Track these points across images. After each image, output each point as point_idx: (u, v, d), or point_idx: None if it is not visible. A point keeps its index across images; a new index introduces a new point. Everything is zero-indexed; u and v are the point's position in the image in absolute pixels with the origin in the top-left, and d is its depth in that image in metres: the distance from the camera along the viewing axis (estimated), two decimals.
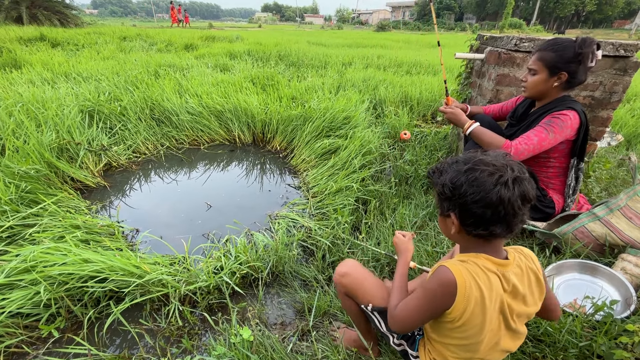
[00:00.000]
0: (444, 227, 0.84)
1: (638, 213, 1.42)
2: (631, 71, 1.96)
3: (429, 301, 0.78)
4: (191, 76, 4.46)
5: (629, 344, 0.99)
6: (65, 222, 1.69)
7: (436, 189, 0.80)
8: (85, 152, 2.58)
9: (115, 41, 9.07)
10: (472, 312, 0.72)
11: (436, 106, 4.13)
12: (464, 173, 0.72)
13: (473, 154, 0.75)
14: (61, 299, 1.29)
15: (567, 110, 1.40)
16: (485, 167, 0.70)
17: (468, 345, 0.78)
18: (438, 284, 0.75)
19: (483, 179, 0.69)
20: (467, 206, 0.72)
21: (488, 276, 0.75)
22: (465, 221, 0.74)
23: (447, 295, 0.74)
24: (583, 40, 1.33)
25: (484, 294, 0.72)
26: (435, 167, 0.81)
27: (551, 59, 1.37)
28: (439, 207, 0.81)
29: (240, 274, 1.48)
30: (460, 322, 0.74)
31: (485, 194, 0.69)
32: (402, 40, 13.55)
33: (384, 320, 0.99)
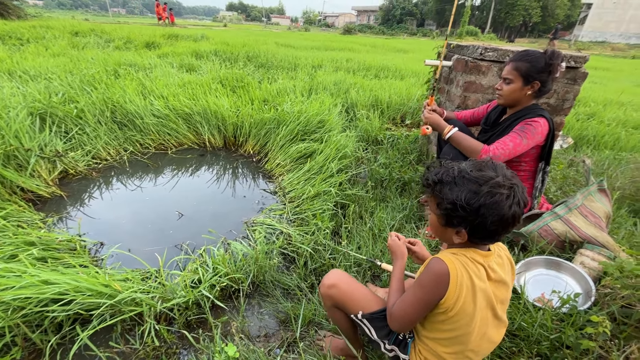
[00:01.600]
0: (441, 234, 0.87)
1: (592, 211, 1.56)
2: (580, 80, 2.15)
3: (425, 293, 0.82)
4: (155, 76, 4.23)
5: (594, 334, 1.07)
6: (17, 238, 1.52)
7: (439, 201, 0.81)
8: (36, 159, 2.35)
9: (65, 36, 8.38)
10: (464, 299, 0.77)
11: (405, 109, 4.27)
12: (484, 196, 0.74)
13: (486, 171, 0.77)
14: (17, 327, 1.15)
15: (538, 118, 1.50)
16: (502, 189, 0.74)
17: (459, 337, 0.82)
18: (432, 274, 0.80)
19: (502, 202, 0.73)
20: (482, 225, 0.75)
21: (476, 266, 0.81)
22: (476, 235, 0.79)
23: (441, 284, 0.78)
24: (552, 52, 1.44)
25: (474, 282, 0.77)
26: (435, 177, 0.82)
27: (526, 69, 1.47)
28: (442, 218, 0.82)
29: (220, 286, 1.42)
30: (453, 312, 0.79)
31: (503, 214, 0.74)
32: (368, 44, 13.86)
33: (374, 327, 1.00)
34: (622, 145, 3.39)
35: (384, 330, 0.99)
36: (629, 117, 4.19)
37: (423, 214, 2.09)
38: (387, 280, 1.51)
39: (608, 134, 3.54)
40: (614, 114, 4.23)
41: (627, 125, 3.94)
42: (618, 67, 12.20)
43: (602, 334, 1.05)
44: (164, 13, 19.68)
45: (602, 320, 1.03)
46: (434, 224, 0.87)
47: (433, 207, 0.85)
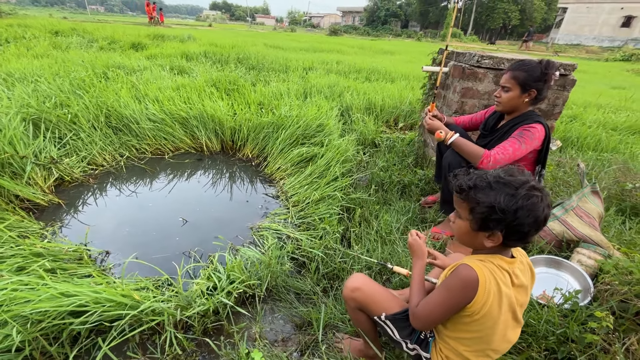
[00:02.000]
0: (469, 239, 0.90)
1: (586, 212, 1.66)
2: (569, 87, 2.27)
3: (452, 296, 0.85)
4: (146, 79, 4.16)
5: (597, 328, 1.16)
6: (24, 250, 1.49)
7: (472, 205, 0.84)
8: (32, 167, 2.29)
9: (46, 36, 8.10)
10: (490, 305, 0.81)
11: (398, 112, 4.36)
12: (521, 198, 0.78)
13: (518, 176, 0.82)
14: (35, 340, 1.14)
15: (535, 124, 1.59)
16: (537, 192, 0.79)
17: (483, 337, 0.87)
18: (461, 281, 0.83)
19: (538, 204, 0.78)
20: (519, 226, 0.80)
21: (503, 273, 0.85)
22: (510, 237, 0.83)
23: (469, 290, 0.82)
24: (547, 62, 1.53)
25: (501, 289, 0.82)
26: (469, 182, 0.85)
27: (523, 77, 1.56)
28: (473, 222, 0.85)
29: (236, 293, 1.43)
30: (479, 315, 0.83)
31: (538, 216, 0.79)
32: (356, 45, 13.99)
33: (396, 327, 1.04)
34: (603, 147, 3.57)
35: (406, 330, 1.03)
36: (608, 119, 4.42)
37: (425, 216, 2.16)
38: (398, 283, 1.56)
39: (590, 136, 3.72)
40: (594, 116, 4.45)
41: (606, 126, 4.15)
42: (593, 70, 12.77)
43: (605, 328, 1.13)
44: (154, 12, 19.52)
45: (605, 315, 1.11)
46: (463, 229, 0.89)
47: (464, 213, 0.88)
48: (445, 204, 1.97)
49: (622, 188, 2.27)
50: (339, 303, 1.49)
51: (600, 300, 1.32)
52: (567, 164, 2.92)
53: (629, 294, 1.26)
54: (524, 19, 38.00)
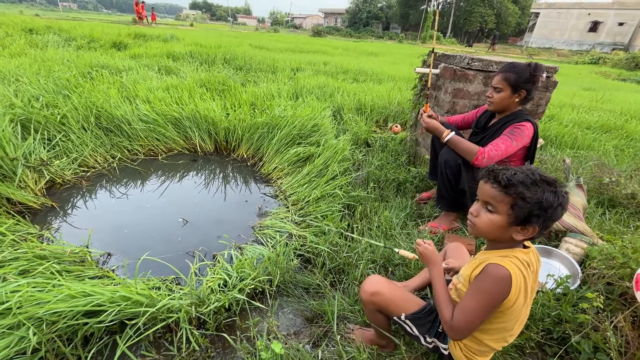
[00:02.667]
0: (500, 232, 0.91)
1: (572, 204, 1.79)
2: (552, 88, 2.42)
3: (490, 298, 0.87)
4: (134, 79, 4.08)
5: (587, 308, 1.26)
6: (28, 253, 1.46)
7: (516, 200, 0.86)
8: (23, 169, 2.22)
9: (20, 34, 7.76)
10: (519, 297, 0.87)
11: (387, 113, 4.46)
12: (561, 196, 0.85)
13: (548, 175, 0.87)
14: (51, 341, 1.13)
15: (525, 122, 1.70)
16: (564, 189, 0.87)
17: (507, 326, 0.94)
18: (496, 281, 0.86)
19: (566, 202, 0.86)
20: (552, 222, 0.87)
21: (524, 266, 0.90)
22: (542, 231, 0.90)
23: (505, 288, 0.86)
24: (535, 65, 1.64)
25: (527, 281, 0.88)
26: (515, 178, 0.86)
27: (514, 79, 1.66)
28: (512, 216, 0.87)
29: (248, 289, 1.46)
30: (510, 310, 0.89)
31: (564, 212, 0.87)
32: (340, 47, 14.12)
33: (416, 325, 1.08)
34: (579, 145, 3.80)
35: (425, 327, 1.08)
36: (582, 118, 4.69)
37: (422, 212, 2.25)
38: (402, 275, 1.63)
39: (567, 134, 3.95)
40: (570, 116, 4.71)
41: (581, 126, 4.41)
42: (565, 72, 13.43)
43: (594, 308, 1.24)
44: (144, 12, 19.10)
45: (595, 297, 1.22)
46: (496, 223, 0.90)
47: (503, 207, 0.88)
48: (441, 200, 2.06)
49: (600, 182, 2.44)
50: (347, 295, 1.55)
51: (589, 283, 1.44)
52: (548, 160, 3.10)
53: (614, 277, 1.38)
54: (499, 22, 39.50)
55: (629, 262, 1.37)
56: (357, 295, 1.54)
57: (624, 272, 1.36)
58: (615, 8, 30.32)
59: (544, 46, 34.18)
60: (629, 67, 16.27)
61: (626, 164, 3.07)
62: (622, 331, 1.22)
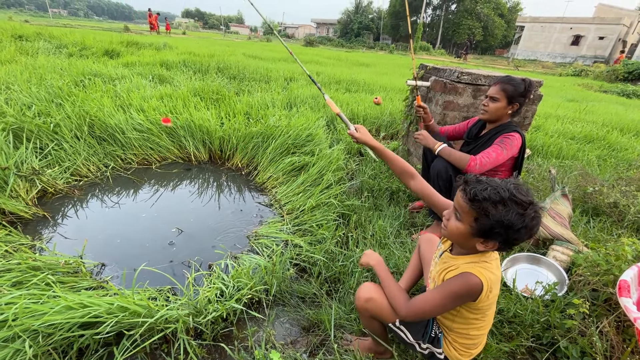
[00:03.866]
0: (463, 240, 0.96)
1: (558, 213, 1.86)
2: (537, 101, 2.53)
3: (454, 299, 0.97)
4: (127, 88, 4.08)
5: (574, 314, 1.31)
6: (21, 264, 1.45)
7: (480, 215, 0.88)
8: (14, 178, 2.20)
9: (9, 40, 7.67)
10: (493, 294, 0.96)
11: (379, 123, 4.55)
12: (529, 219, 0.85)
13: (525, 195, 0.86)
14: (46, 354, 1.12)
15: (514, 132, 1.78)
16: (540, 213, 0.88)
17: (487, 318, 1.03)
18: (467, 288, 0.94)
19: (538, 224, 0.87)
20: (516, 241, 0.88)
21: (495, 266, 0.97)
22: (504, 247, 0.92)
23: (473, 294, 0.94)
24: (530, 82, 1.74)
25: (498, 278, 0.96)
26: (482, 194, 0.87)
27: (511, 91, 1.75)
28: (474, 229, 0.90)
29: (245, 299, 1.47)
30: (487, 306, 0.99)
31: (532, 233, 0.88)
32: (333, 57, 14.33)
33: (410, 330, 1.12)
34: (564, 154, 3.93)
35: (419, 333, 1.12)
36: (566, 129, 4.86)
37: (415, 221, 2.29)
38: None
39: (553, 145, 4.08)
40: (555, 127, 4.88)
41: (566, 136, 4.57)
42: (550, 84, 13.88)
43: (581, 314, 1.29)
44: (157, 22, 19.53)
45: (581, 303, 1.27)
46: (458, 231, 0.94)
47: (467, 219, 0.91)
48: (433, 211, 2.11)
49: (584, 191, 2.54)
50: (343, 304, 1.57)
51: (575, 290, 1.49)
52: (535, 170, 3.20)
53: (599, 284, 1.44)
54: (486, 35, 40.70)
55: (612, 269, 1.43)
56: (353, 304, 1.56)
57: (608, 278, 1.42)
58: (596, 23, 31.63)
59: (529, 58, 35.29)
60: (609, 79, 16.92)
61: (608, 173, 3.19)
62: (607, 336, 1.27)
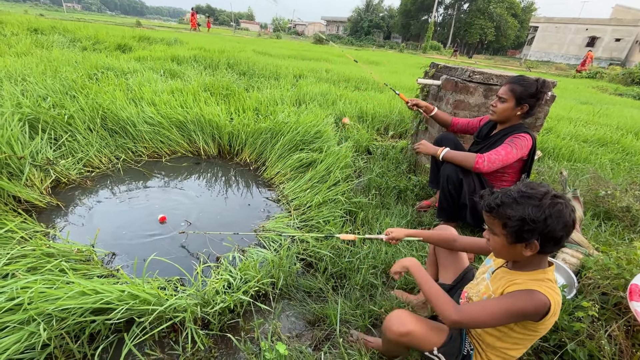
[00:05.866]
0: (508, 252, 0.94)
1: None
2: (550, 102, 2.49)
3: (517, 314, 0.90)
4: (139, 82, 4.13)
5: (583, 317, 1.30)
6: (36, 250, 1.49)
7: (504, 221, 0.89)
8: (29, 168, 2.25)
9: (25, 33, 7.82)
10: (555, 316, 0.92)
11: (388, 121, 4.53)
12: (547, 207, 0.84)
13: (538, 188, 0.88)
14: (61, 338, 1.15)
15: (524, 134, 1.76)
16: (560, 199, 0.86)
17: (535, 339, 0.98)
18: (533, 306, 0.88)
19: (563, 211, 0.85)
20: (552, 233, 0.85)
21: (557, 286, 0.93)
22: (547, 244, 0.88)
23: (538, 313, 0.89)
24: (543, 82, 1.70)
25: (560, 302, 0.92)
26: (495, 201, 0.90)
27: (520, 92, 1.71)
28: (508, 236, 0.90)
29: (252, 291, 1.49)
30: (544, 327, 0.94)
31: (566, 221, 0.85)
32: (342, 55, 14.28)
33: (445, 354, 1.07)
34: (576, 157, 3.87)
35: (454, 355, 1.07)
36: (579, 131, 4.78)
37: (422, 220, 2.29)
38: (403, 281, 1.67)
39: (564, 147, 4.02)
40: (567, 129, 4.80)
41: (578, 139, 4.50)
42: (563, 86, 13.63)
43: (590, 317, 1.28)
44: (196, 20, 20.90)
45: (590, 306, 1.26)
46: (499, 245, 0.94)
47: (498, 229, 0.92)
48: (442, 212, 2.10)
49: (596, 195, 2.50)
50: (349, 300, 1.58)
51: (584, 293, 1.47)
52: (545, 172, 3.16)
53: (609, 287, 1.42)
54: (498, 35, 40.07)
55: (623, 273, 1.41)
56: (358, 299, 1.57)
57: (619, 282, 1.40)
58: (613, 24, 30.91)
59: (542, 59, 34.69)
60: (625, 82, 16.52)
61: (622, 177, 3.14)
62: (616, 340, 1.26)
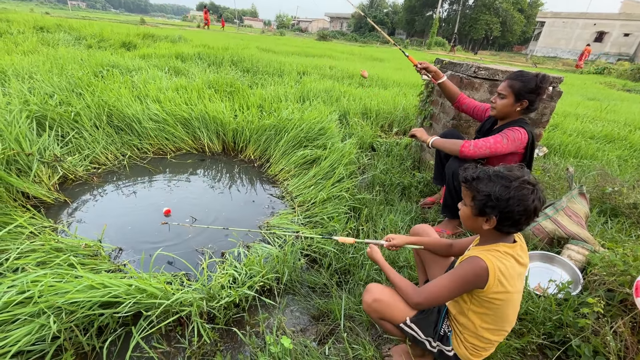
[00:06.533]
0: (471, 223, 1.05)
1: (575, 212, 1.82)
2: (556, 98, 2.46)
3: (462, 283, 0.99)
4: (144, 79, 4.15)
5: (588, 313, 1.30)
6: (45, 245, 1.51)
7: (474, 193, 0.99)
8: (37, 164, 2.28)
9: (32, 31, 7.89)
10: (500, 284, 0.95)
11: (392, 118, 4.51)
12: (513, 189, 0.92)
13: (515, 171, 0.95)
14: (70, 331, 1.17)
15: (520, 127, 1.74)
16: (528, 186, 0.93)
17: (502, 315, 1.01)
18: (472, 271, 0.96)
19: (528, 196, 0.92)
20: (510, 213, 0.93)
21: (507, 257, 0.98)
22: (504, 223, 0.96)
23: (479, 277, 0.96)
24: (542, 76, 1.67)
25: (509, 270, 0.96)
26: (471, 175, 1.00)
27: (519, 87, 1.69)
28: (474, 208, 1.00)
29: (257, 286, 1.50)
30: (497, 299, 0.97)
31: (527, 206, 0.92)
32: (346, 51, 14.22)
33: (420, 327, 1.12)
34: (583, 154, 3.83)
35: (430, 328, 1.12)
36: (586, 128, 4.72)
37: (426, 217, 2.28)
38: (406, 276, 1.67)
39: (571, 144, 3.98)
40: (574, 125, 4.74)
41: (585, 135, 4.44)
42: (570, 82, 13.44)
43: (595, 313, 1.27)
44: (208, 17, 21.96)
45: (596, 302, 1.25)
46: (466, 215, 1.04)
47: (467, 200, 1.03)
48: (446, 208, 2.09)
49: (603, 192, 2.47)
50: (353, 295, 1.58)
51: (590, 289, 1.47)
52: (551, 169, 3.13)
53: (615, 284, 1.41)
54: (504, 30, 39.59)
55: (629, 270, 1.40)
56: (362, 295, 1.58)
57: (625, 279, 1.39)
58: (622, 19, 30.36)
59: (549, 55, 34.21)
60: (634, 78, 16.23)
61: (629, 174, 3.10)
62: (622, 336, 1.25)
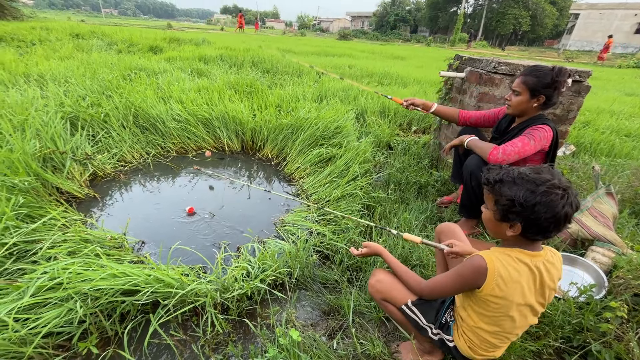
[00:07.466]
0: (494, 228, 0.99)
1: (601, 212, 1.73)
2: (584, 93, 2.34)
3: (460, 280, 0.99)
4: (168, 81, 4.33)
5: (611, 318, 1.23)
6: (75, 236, 1.62)
7: (497, 197, 0.93)
8: (70, 162, 2.44)
9: (68, 39, 8.41)
10: (503, 290, 0.92)
11: (411, 116, 4.44)
12: (540, 194, 0.85)
13: (544, 174, 0.88)
14: (95, 315, 1.26)
15: (544, 125, 1.67)
16: (558, 190, 0.85)
17: (499, 319, 0.97)
18: (470, 269, 0.95)
19: (557, 202, 0.84)
20: (537, 220, 0.86)
21: (518, 264, 0.93)
22: (529, 230, 0.90)
23: (477, 277, 0.94)
24: (559, 70, 1.60)
25: (512, 277, 0.91)
26: (494, 177, 0.93)
27: (533, 83, 1.62)
28: (497, 213, 0.94)
29: (270, 280, 1.54)
30: (496, 298, 0.93)
31: (556, 212, 0.85)
32: (366, 50, 14.12)
33: (422, 312, 1.13)
34: (616, 152, 3.60)
35: (432, 314, 1.12)
36: (621, 125, 4.44)
37: (442, 216, 2.24)
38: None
39: (603, 142, 3.76)
40: (607, 122, 4.47)
41: (620, 133, 4.18)
42: (606, 77, 12.66)
43: (618, 318, 1.21)
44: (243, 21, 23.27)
45: (619, 306, 1.19)
46: (489, 219, 0.98)
47: (490, 204, 0.97)
48: (463, 208, 2.04)
49: (636, 192, 2.33)
50: (363, 292, 1.59)
51: (615, 294, 1.39)
52: (580, 168, 2.97)
53: None
54: (534, 24, 37.79)
55: None
56: None
57: None
58: None
59: (583, 49, 32.28)
60: None
61: None
62: None
